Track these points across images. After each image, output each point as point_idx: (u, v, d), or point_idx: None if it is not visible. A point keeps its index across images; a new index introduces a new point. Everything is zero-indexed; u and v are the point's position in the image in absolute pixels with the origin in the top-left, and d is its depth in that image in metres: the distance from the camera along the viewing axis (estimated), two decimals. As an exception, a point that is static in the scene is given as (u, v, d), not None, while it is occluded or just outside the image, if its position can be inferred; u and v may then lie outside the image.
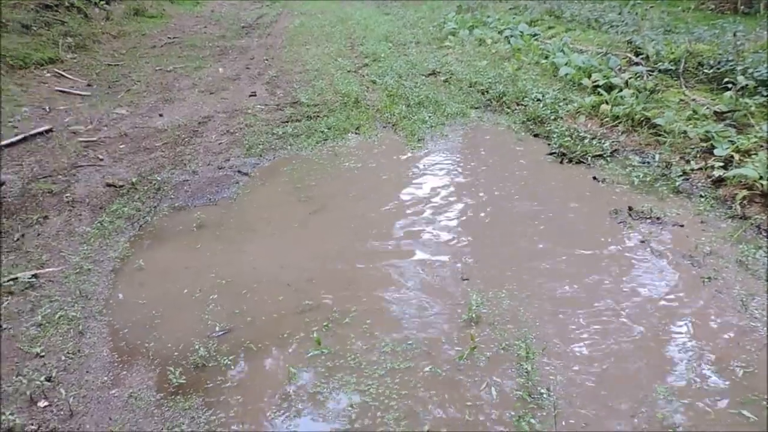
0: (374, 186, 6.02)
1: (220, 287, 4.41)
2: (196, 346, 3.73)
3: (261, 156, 6.91)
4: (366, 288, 4.36)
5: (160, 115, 8.37)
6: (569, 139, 6.77)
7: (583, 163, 6.33)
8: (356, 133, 7.52)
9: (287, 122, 7.99)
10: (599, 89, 7.91)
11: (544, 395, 3.29)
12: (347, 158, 6.75)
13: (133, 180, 6.21)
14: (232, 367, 3.62)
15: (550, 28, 12.36)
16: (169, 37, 13.99)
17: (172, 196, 5.93)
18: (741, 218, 5.07)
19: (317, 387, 3.43)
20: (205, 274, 4.59)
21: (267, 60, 11.97)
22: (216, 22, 16.54)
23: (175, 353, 3.74)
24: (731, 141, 6.01)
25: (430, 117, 7.89)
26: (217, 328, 3.95)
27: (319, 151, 6.99)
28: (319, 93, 9.24)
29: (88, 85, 9.78)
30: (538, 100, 7.93)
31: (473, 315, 3.94)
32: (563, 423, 3.12)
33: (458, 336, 3.81)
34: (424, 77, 9.89)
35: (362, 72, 10.61)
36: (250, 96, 9.34)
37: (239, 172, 6.48)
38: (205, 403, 3.34)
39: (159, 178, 6.29)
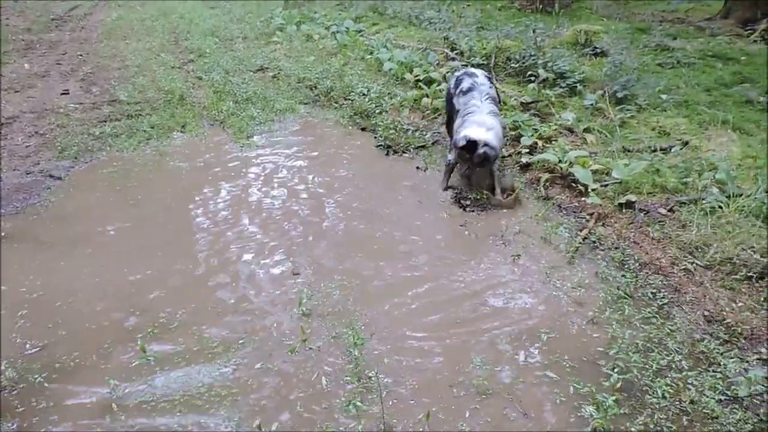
0: (201, 185, 5.86)
1: (30, 302, 4.07)
2: (4, 368, 3.43)
3: (76, 158, 6.45)
4: (194, 290, 4.25)
5: (-47, 117, 7.51)
6: (394, 131, 7.04)
7: (407, 154, 6.64)
8: (182, 132, 7.26)
9: (105, 122, 7.50)
10: (420, 83, 8.31)
11: (372, 378, 3.44)
12: (173, 158, 6.50)
13: None
14: (47, 385, 3.37)
15: (374, 24, 12.74)
16: (-38, 30, 12.53)
17: (-29, 207, 5.37)
18: (545, 199, 5.59)
19: (142, 396, 3.30)
20: (11, 289, 4.21)
21: (81, 55, 11.13)
22: (20, 14, 15.04)
23: (-22, 378, 3.41)
24: (535, 129, 6.59)
25: (258, 113, 7.81)
26: (27, 346, 3.65)
27: (142, 152, 6.66)
28: (140, 90, 8.77)
29: None
30: (364, 94, 8.14)
31: (303, 309, 4.00)
32: (390, 402, 3.29)
33: (289, 330, 3.85)
34: (252, 73, 9.75)
35: (187, 68, 10.22)
36: (62, 94, 8.65)
37: (51, 176, 6.00)
38: (14, 429, 3.08)
39: (-47, 188, 5.66)
